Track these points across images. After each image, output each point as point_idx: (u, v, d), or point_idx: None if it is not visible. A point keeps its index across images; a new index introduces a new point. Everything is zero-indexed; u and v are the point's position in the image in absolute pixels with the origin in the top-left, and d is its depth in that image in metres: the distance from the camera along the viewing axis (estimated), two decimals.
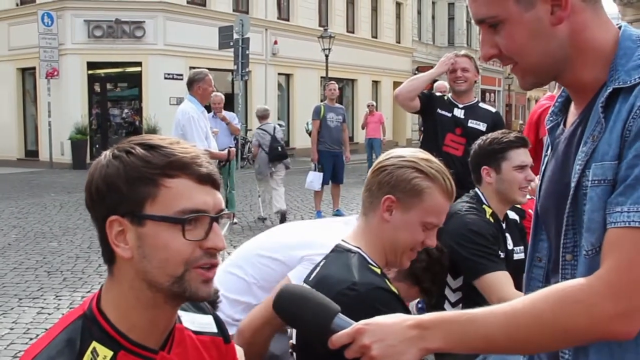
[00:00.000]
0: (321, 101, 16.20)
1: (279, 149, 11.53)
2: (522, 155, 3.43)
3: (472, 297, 3.23)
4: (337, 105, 12.54)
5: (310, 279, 2.20)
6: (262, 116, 12.24)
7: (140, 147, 1.44)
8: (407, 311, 2.06)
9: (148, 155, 1.43)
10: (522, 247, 3.55)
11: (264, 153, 11.52)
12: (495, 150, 3.45)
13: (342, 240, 2.24)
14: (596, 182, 1.46)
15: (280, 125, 30.97)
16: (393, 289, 2.08)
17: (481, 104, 5.94)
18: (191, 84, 8.48)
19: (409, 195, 2.11)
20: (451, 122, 5.71)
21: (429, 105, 5.85)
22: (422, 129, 6.05)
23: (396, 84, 38.94)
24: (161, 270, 1.43)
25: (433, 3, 44.28)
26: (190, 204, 1.43)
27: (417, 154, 2.18)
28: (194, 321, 1.66)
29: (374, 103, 22.57)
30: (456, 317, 1.54)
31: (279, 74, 30.29)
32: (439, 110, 5.77)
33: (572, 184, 1.52)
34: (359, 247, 2.16)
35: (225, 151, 9.10)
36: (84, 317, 1.46)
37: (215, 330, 1.72)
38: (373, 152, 19.15)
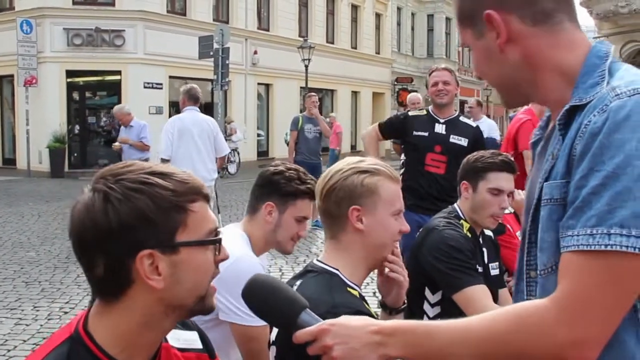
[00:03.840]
0: (301, 112, 16.23)
1: None
2: (501, 180, 3.43)
3: (451, 312, 3.26)
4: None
5: None
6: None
7: (155, 177, 1.44)
8: None
9: (169, 184, 1.44)
10: (497, 263, 3.61)
11: None
12: (476, 168, 3.49)
13: (318, 261, 2.27)
14: (546, 201, 1.49)
15: (259, 136, 30.95)
16: (372, 311, 2.11)
17: (461, 118, 5.94)
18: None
19: (367, 196, 2.17)
20: (429, 141, 5.68)
21: (401, 133, 5.85)
22: (402, 147, 6.05)
23: (375, 95, 39.24)
24: (192, 292, 1.49)
25: (412, 14, 44.52)
26: (212, 224, 1.51)
27: (349, 161, 2.26)
28: (179, 338, 1.68)
29: (335, 115, 23.82)
30: (415, 327, 1.55)
31: (259, 83, 30.31)
32: (415, 133, 5.74)
33: (533, 202, 1.56)
34: (336, 269, 2.19)
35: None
36: (70, 340, 1.45)
37: (200, 346, 1.75)
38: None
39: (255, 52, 29.23)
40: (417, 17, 45.07)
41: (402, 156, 6.01)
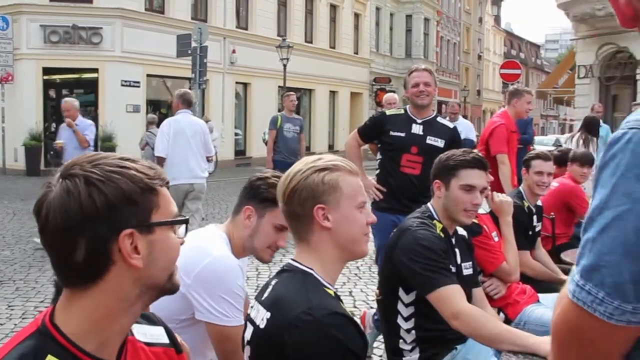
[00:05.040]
0: (279, 111, 16.20)
1: None
2: (472, 177, 3.49)
3: (425, 312, 3.30)
4: (295, 115, 12.57)
5: (264, 298, 2.23)
6: (151, 122, 16.28)
7: (128, 162, 1.53)
8: (362, 334, 2.11)
9: (141, 168, 1.53)
10: (470, 263, 3.64)
11: (151, 151, 13.46)
12: (448, 166, 3.55)
13: (293, 260, 2.28)
14: None
15: (236, 135, 30.86)
16: (348, 312, 2.13)
17: (439, 119, 5.91)
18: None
19: (330, 193, 2.20)
20: (406, 142, 5.65)
21: (380, 133, 5.85)
22: (379, 146, 6.03)
23: (353, 95, 39.33)
24: (165, 270, 1.57)
25: (391, 15, 44.65)
26: (175, 207, 1.61)
27: (307, 160, 2.29)
28: (145, 333, 1.71)
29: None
30: None
31: (237, 82, 30.25)
32: (391, 133, 5.71)
33: None
34: (311, 268, 2.21)
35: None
36: (37, 333, 1.48)
37: (167, 341, 1.78)
38: None
39: (234, 51, 29.18)
40: (395, 18, 45.20)
41: (378, 155, 6.00)
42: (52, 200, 1.46)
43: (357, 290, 7.84)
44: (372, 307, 6.65)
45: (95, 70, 24.42)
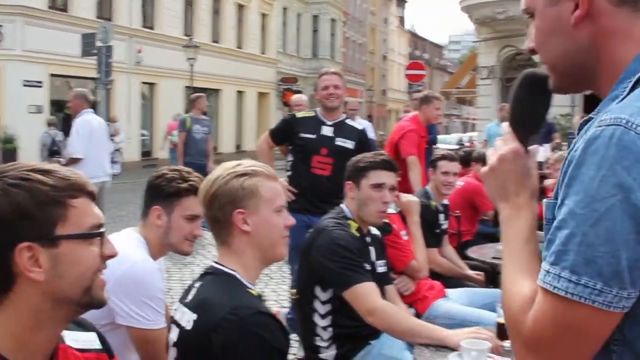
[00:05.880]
0: (186, 112, 16.09)
1: (55, 149, 16.33)
2: (381, 176, 3.67)
3: (341, 309, 3.43)
4: (203, 116, 12.54)
5: (188, 300, 2.30)
6: (50, 123, 18.07)
7: (36, 174, 1.51)
8: (285, 332, 2.22)
9: (49, 179, 1.52)
10: (384, 261, 3.81)
11: (46, 152, 15.94)
12: (359, 167, 3.72)
13: (216, 263, 2.36)
14: (545, 219, 1.37)
15: (143, 136, 30.34)
16: (271, 311, 2.22)
17: (348, 121, 6.07)
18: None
19: (249, 198, 2.29)
20: (316, 144, 5.79)
21: (289, 135, 5.97)
22: (290, 148, 6.15)
23: (260, 95, 39.31)
24: (75, 285, 1.54)
25: (298, 15, 44.82)
26: (96, 220, 1.59)
27: (227, 166, 2.37)
28: (77, 339, 1.72)
29: None
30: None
31: (143, 82, 29.77)
32: (302, 135, 5.85)
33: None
34: (234, 270, 2.29)
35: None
36: None
37: (99, 346, 1.79)
38: None
39: (140, 51, 28.70)
40: (302, 18, 45.39)
41: (289, 157, 6.11)
42: None
43: (269, 290, 7.91)
44: (284, 307, 6.76)
45: None
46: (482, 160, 7.14)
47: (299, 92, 14.93)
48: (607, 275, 1.17)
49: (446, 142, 27.01)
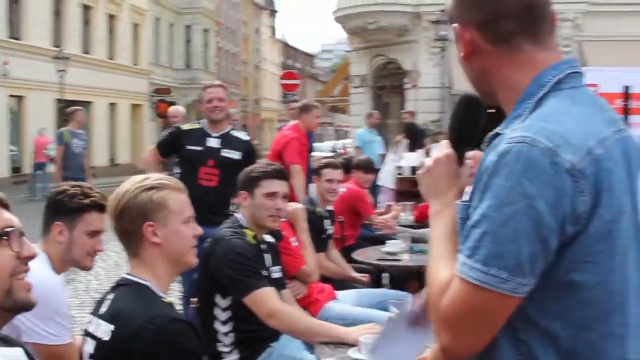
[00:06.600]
0: (59, 126, 15.68)
1: None
2: (274, 185, 3.86)
3: (241, 315, 3.58)
4: (80, 130, 12.30)
5: (102, 312, 2.36)
6: None
7: None
8: (200, 336, 2.34)
9: None
10: (279, 267, 3.98)
11: None
12: (252, 178, 3.89)
13: (128, 274, 2.43)
14: (459, 219, 1.64)
15: (11, 151, 29.17)
16: (184, 317, 2.34)
17: (233, 132, 6.18)
18: None
19: (158, 210, 2.37)
20: (202, 156, 5.91)
21: (176, 147, 6.08)
22: (177, 160, 6.23)
23: (133, 107, 38.61)
24: None
25: (170, 25, 44.31)
26: (2, 223, 1.64)
27: (135, 180, 2.46)
28: (4, 355, 1.73)
29: None
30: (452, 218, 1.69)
31: (10, 95, 28.58)
32: (188, 147, 5.96)
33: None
34: (147, 280, 2.38)
35: None
36: None
37: None
38: None
39: (6, 63, 27.58)
40: (175, 28, 44.88)
41: (177, 169, 6.18)
42: None
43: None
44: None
45: None
46: (362, 167, 7.44)
47: (172, 103, 14.86)
48: (512, 267, 1.43)
49: (321, 150, 27.37)
